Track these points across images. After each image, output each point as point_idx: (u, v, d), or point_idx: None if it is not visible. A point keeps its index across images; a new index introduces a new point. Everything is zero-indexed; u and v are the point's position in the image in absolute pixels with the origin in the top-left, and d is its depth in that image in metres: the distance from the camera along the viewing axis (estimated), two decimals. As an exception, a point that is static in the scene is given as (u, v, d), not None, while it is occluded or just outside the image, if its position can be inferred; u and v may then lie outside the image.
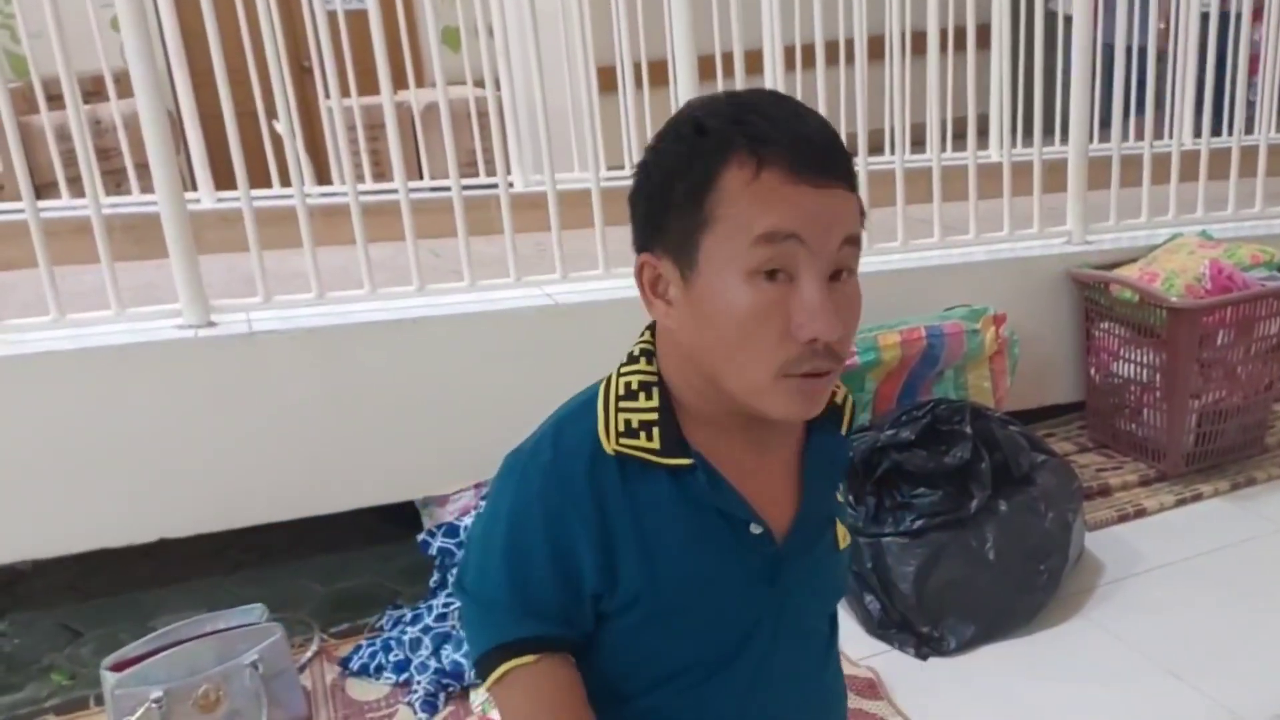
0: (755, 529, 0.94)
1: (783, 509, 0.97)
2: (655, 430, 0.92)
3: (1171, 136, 3.55)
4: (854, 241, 0.88)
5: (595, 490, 0.91)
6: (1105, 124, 3.21)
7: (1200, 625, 2.17)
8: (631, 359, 0.97)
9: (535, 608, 0.92)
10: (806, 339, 0.84)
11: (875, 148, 3.00)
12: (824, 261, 0.85)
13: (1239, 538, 2.50)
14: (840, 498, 1.04)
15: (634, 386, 0.94)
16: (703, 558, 0.93)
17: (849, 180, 0.88)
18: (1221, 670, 2.01)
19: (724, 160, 0.85)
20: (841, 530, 1.02)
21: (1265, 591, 2.28)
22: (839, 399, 1.03)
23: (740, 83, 2.78)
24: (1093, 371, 2.96)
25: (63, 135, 2.98)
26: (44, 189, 3.12)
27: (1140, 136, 3.18)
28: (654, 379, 0.94)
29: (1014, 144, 3.05)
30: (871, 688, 2.01)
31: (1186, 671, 2.01)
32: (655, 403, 0.93)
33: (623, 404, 0.94)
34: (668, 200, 0.87)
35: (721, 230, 0.85)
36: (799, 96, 0.94)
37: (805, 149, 0.85)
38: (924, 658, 2.11)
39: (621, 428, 0.93)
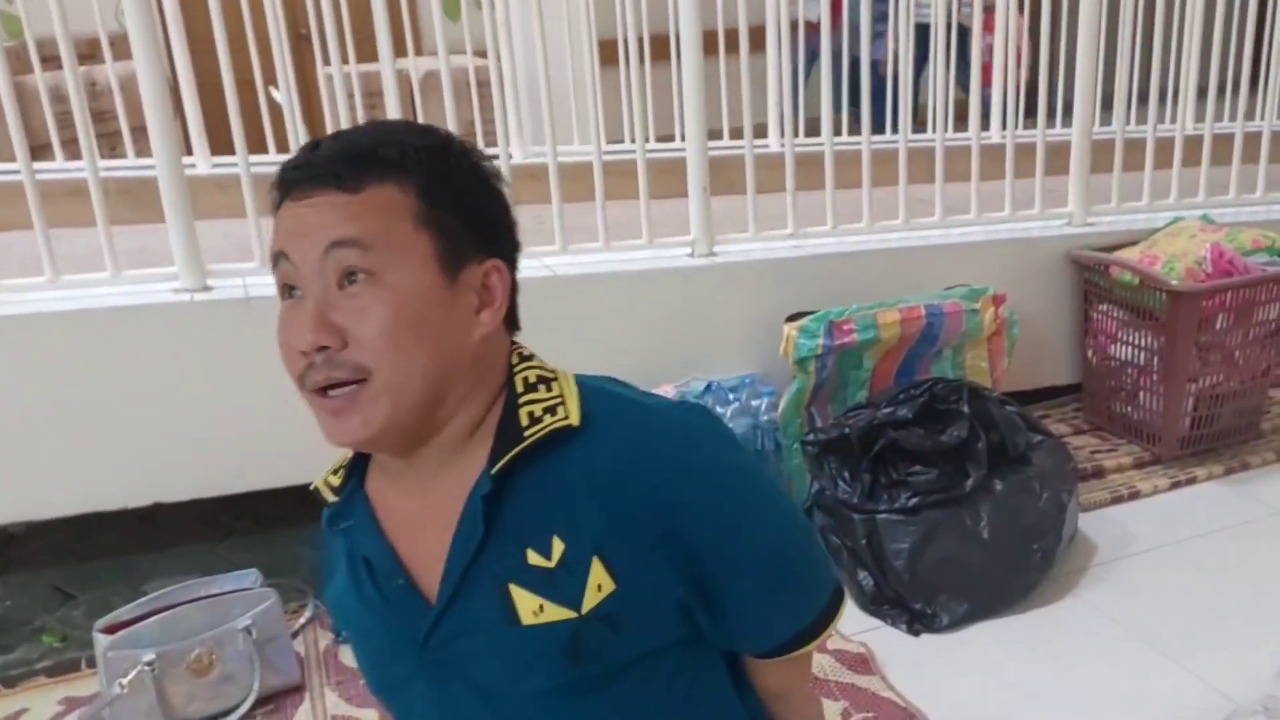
0: (398, 581, 0.89)
1: (439, 564, 0.87)
2: (342, 469, 0.96)
3: (1174, 121, 3.55)
4: (348, 243, 0.82)
5: (324, 519, 0.97)
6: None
7: (1192, 606, 2.18)
8: None
9: None
10: (298, 350, 0.84)
11: (878, 127, 2.99)
12: (311, 271, 0.83)
13: (1232, 521, 2.51)
14: (545, 562, 0.83)
15: None
16: (354, 603, 0.94)
17: (345, 181, 0.83)
18: (1212, 651, 2.01)
19: (276, 216, 0.89)
20: (530, 603, 0.83)
21: (1256, 574, 2.29)
22: (534, 431, 0.85)
23: (744, 59, 2.76)
24: (1090, 354, 2.96)
25: (57, 96, 2.95)
26: (37, 151, 3.09)
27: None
28: None
29: (1017, 126, 3.04)
30: (863, 663, 2.02)
31: (1177, 652, 2.02)
32: None
33: None
34: None
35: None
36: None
37: (291, 171, 0.86)
38: (916, 634, 2.12)
39: (337, 465, 0.98)
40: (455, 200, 0.87)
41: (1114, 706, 1.89)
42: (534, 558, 0.84)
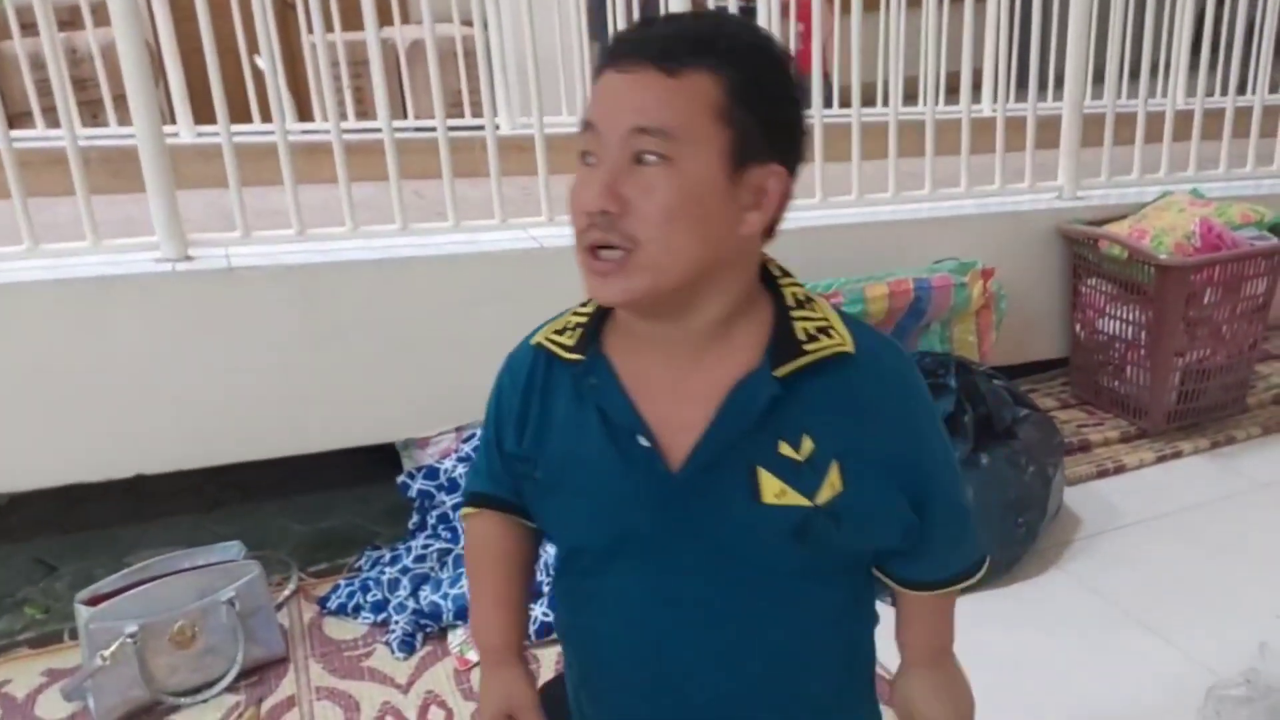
0: (643, 441, 0.96)
1: (691, 435, 0.96)
2: (578, 331, 1.02)
3: (1165, 95, 3.53)
4: (653, 131, 0.88)
5: (529, 374, 1.05)
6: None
7: (1175, 580, 2.19)
8: None
9: (485, 469, 1.11)
10: (584, 211, 0.91)
11: (869, 100, 2.97)
12: (613, 145, 0.89)
13: (1216, 495, 2.52)
14: (795, 454, 0.95)
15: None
16: (578, 450, 1.00)
17: (667, 62, 0.88)
18: (1194, 624, 2.03)
19: (595, 79, 0.94)
20: (773, 485, 0.95)
21: (1240, 548, 2.30)
22: (814, 348, 0.95)
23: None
24: (1078, 328, 2.96)
25: (37, 63, 2.91)
26: (17, 118, 3.05)
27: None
28: None
29: (1008, 98, 3.03)
30: (848, 635, 2.02)
31: (1160, 625, 2.03)
32: (590, 309, 1.03)
33: (577, 309, 1.05)
34: None
35: None
36: (792, 45, 0.96)
37: (621, 43, 0.92)
38: (901, 607, 2.12)
39: (560, 326, 1.05)
40: (759, 101, 0.91)
41: (1097, 679, 1.90)
42: (784, 449, 0.95)
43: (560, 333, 1.04)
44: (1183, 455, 2.71)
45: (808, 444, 0.94)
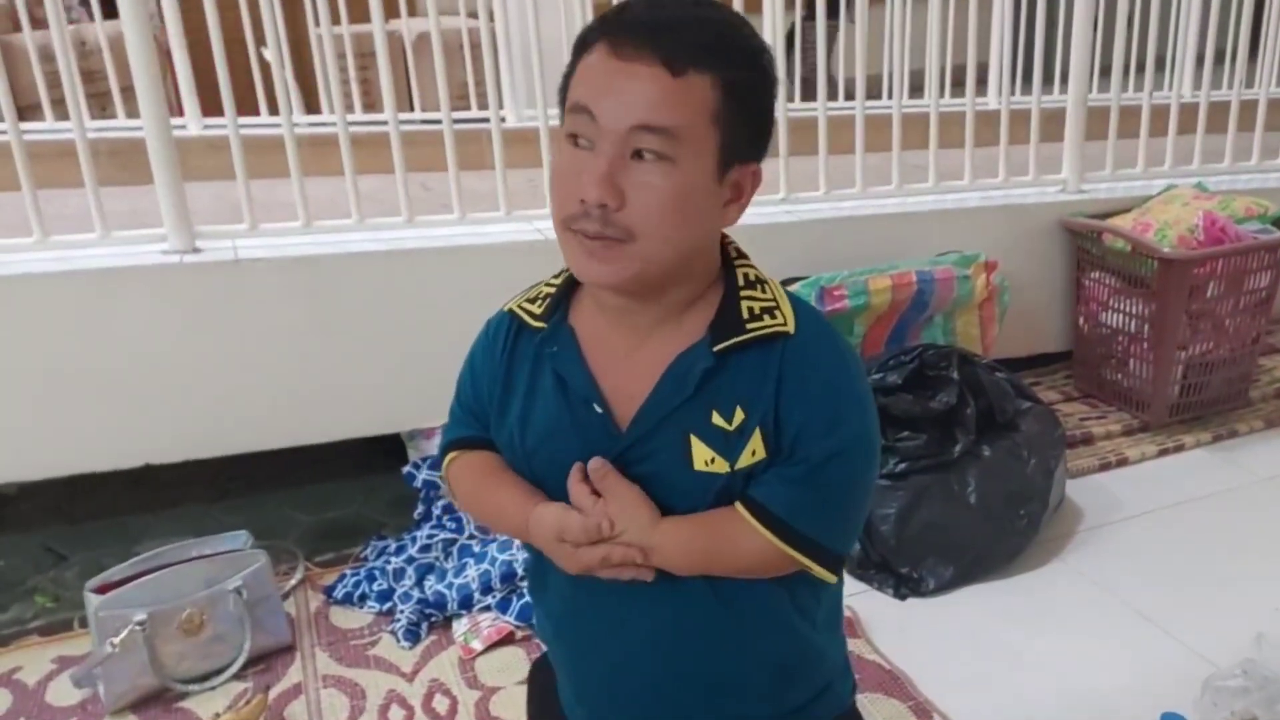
0: (597, 408, 1.01)
1: (637, 403, 1.01)
2: (546, 300, 1.07)
3: (1171, 89, 3.53)
4: (657, 130, 0.90)
5: (501, 337, 1.09)
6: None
7: (1175, 571, 2.20)
8: None
9: (464, 417, 1.14)
10: (578, 198, 0.92)
11: (874, 93, 2.97)
12: (612, 137, 0.91)
13: (1218, 488, 2.53)
14: (726, 425, 0.98)
15: (565, 266, 1.05)
16: (539, 412, 1.05)
17: (674, 61, 0.89)
18: (1193, 615, 2.04)
19: (582, 47, 0.95)
20: (704, 453, 0.99)
21: (1240, 540, 2.31)
22: (755, 326, 0.98)
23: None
24: (1081, 321, 2.96)
25: (46, 55, 2.93)
26: (27, 110, 3.07)
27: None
28: None
29: (1013, 92, 3.02)
30: (849, 626, 2.03)
31: (1159, 616, 2.04)
32: (561, 280, 1.07)
33: (550, 279, 1.10)
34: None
35: (566, 104, 0.96)
36: (798, 40, 0.96)
37: (626, 29, 0.91)
38: (902, 598, 2.14)
39: (532, 295, 1.09)
40: (749, 107, 0.95)
41: (1097, 669, 1.91)
42: (717, 419, 0.99)
43: (532, 301, 1.08)
44: (1185, 448, 2.71)
45: (740, 415, 0.98)
